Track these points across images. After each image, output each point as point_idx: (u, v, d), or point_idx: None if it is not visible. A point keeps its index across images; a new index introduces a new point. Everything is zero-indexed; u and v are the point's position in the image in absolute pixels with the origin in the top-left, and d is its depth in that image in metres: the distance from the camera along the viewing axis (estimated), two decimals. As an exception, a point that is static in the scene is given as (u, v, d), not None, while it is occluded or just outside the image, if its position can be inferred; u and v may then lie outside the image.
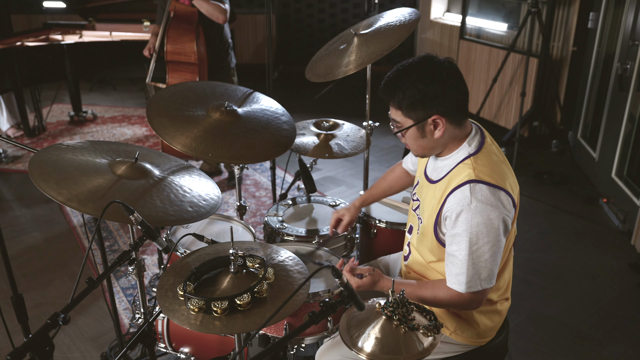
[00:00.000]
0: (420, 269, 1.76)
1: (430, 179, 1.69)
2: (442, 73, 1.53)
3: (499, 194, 1.51)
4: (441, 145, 1.62)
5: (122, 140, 5.07)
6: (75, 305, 1.32)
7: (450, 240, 1.56)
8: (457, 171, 1.57)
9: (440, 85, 1.52)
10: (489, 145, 1.62)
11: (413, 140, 1.62)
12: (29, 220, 3.73)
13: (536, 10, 4.33)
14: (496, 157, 1.60)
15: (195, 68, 3.55)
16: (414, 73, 1.54)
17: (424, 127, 1.57)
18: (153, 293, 2.69)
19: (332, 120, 2.65)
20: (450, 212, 1.53)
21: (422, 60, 1.56)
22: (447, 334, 1.71)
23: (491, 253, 1.51)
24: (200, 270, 1.53)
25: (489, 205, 1.49)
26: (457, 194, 1.52)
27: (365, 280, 1.67)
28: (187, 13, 3.53)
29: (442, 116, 1.54)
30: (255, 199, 4.00)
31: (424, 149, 1.64)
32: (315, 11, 7.18)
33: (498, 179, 1.53)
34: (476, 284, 1.53)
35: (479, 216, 1.49)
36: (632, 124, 3.61)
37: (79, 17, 5.32)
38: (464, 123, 1.60)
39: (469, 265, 1.52)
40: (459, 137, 1.61)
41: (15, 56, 4.45)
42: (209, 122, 2.14)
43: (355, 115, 4.89)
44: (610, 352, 2.59)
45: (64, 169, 1.69)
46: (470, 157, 1.57)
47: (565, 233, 3.59)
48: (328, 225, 2.27)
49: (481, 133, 1.64)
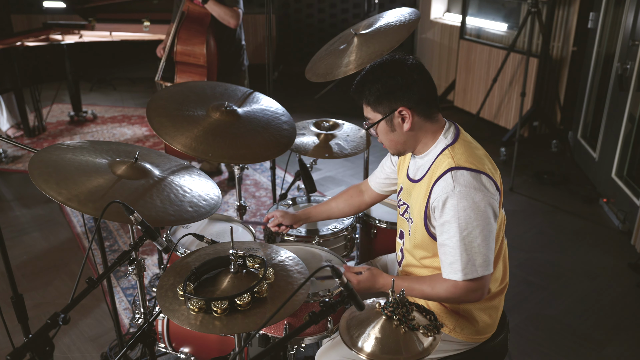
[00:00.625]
0: (414, 269, 1.76)
1: (414, 179, 1.71)
2: (404, 67, 1.59)
3: (481, 177, 1.54)
4: (412, 138, 1.65)
5: (122, 140, 5.08)
6: (75, 305, 1.32)
7: (440, 230, 1.57)
8: (438, 163, 1.61)
9: (403, 78, 1.58)
10: (464, 135, 1.67)
11: (385, 135, 1.67)
12: (29, 220, 3.73)
13: (536, 10, 4.33)
14: (473, 145, 1.65)
15: (204, 70, 3.54)
16: (378, 70, 1.63)
17: (392, 120, 1.62)
18: (153, 293, 2.69)
19: (332, 120, 2.65)
20: (437, 202, 1.56)
21: (387, 58, 1.65)
22: (447, 332, 1.71)
23: (483, 237, 1.52)
24: (200, 270, 1.53)
25: (473, 188, 1.52)
26: (441, 182, 1.56)
27: (365, 275, 1.68)
28: (200, 14, 3.52)
29: (408, 108, 1.59)
30: (255, 199, 4.00)
31: (396, 143, 1.67)
32: (315, 11, 7.18)
33: (477, 164, 1.57)
34: (472, 270, 1.54)
35: (464, 200, 1.51)
36: (632, 124, 3.61)
37: (79, 17, 5.32)
38: (434, 116, 1.64)
39: (462, 251, 1.53)
40: (431, 130, 1.64)
41: (15, 56, 4.44)
42: (209, 122, 2.14)
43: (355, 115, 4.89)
44: (610, 352, 2.59)
45: (64, 169, 1.69)
46: (448, 147, 1.62)
47: (565, 233, 3.59)
48: (328, 226, 2.27)
49: (455, 126, 1.68)
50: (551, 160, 4.69)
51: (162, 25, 4.98)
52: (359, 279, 1.68)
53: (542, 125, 5.01)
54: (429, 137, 1.65)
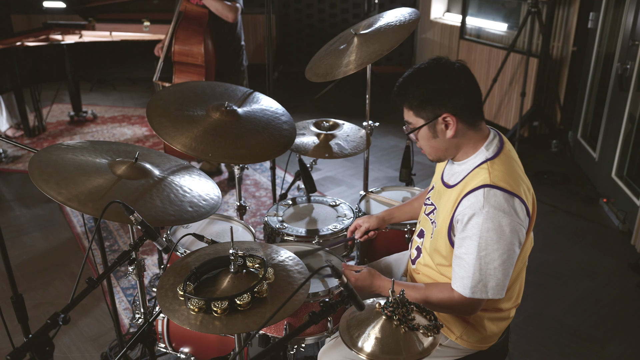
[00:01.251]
0: (429, 271, 1.73)
1: (447, 184, 1.66)
2: (451, 72, 1.53)
3: (514, 200, 1.48)
4: (454, 146, 1.59)
5: (122, 140, 5.08)
6: (75, 305, 1.32)
7: (459, 243, 1.54)
8: (474, 175, 1.55)
9: (448, 83, 1.52)
10: (508, 150, 1.60)
11: (426, 141, 1.61)
12: (29, 220, 3.73)
13: (536, 10, 4.33)
14: (514, 162, 1.58)
15: (202, 70, 3.53)
16: (423, 73, 1.56)
17: (435, 126, 1.56)
18: (153, 293, 2.69)
19: (332, 120, 2.65)
20: (462, 216, 1.51)
21: (432, 61, 1.57)
22: (453, 339, 1.70)
23: (501, 261, 1.48)
24: (200, 270, 1.53)
25: (502, 211, 1.46)
26: (471, 197, 1.50)
27: (363, 274, 1.68)
28: (197, 14, 3.51)
29: (453, 115, 1.53)
30: (255, 199, 4.00)
31: (437, 150, 1.62)
32: (315, 11, 7.18)
33: (514, 185, 1.50)
34: (482, 291, 1.51)
35: (490, 222, 1.46)
36: (632, 124, 3.61)
37: (79, 17, 5.32)
38: (478, 125, 1.58)
39: (475, 269, 1.49)
40: (474, 139, 1.58)
41: (15, 56, 4.45)
42: (209, 122, 2.14)
43: (355, 115, 4.89)
44: (611, 352, 2.59)
45: (64, 169, 1.69)
46: (487, 161, 1.55)
47: (565, 233, 3.59)
48: (328, 225, 2.27)
49: (500, 138, 1.61)
50: (551, 160, 4.69)
51: (162, 25, 4.97)
52: (357, 277, 1.68)
53: (542, 125, 5.01)
54: (471, 145, 1.59)
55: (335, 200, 2.49)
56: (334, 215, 2.38)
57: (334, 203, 2.47)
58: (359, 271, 1.70)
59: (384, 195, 2.56)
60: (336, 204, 2.46)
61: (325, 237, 2.20)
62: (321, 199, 2.53)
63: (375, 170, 4.49)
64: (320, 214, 2.40)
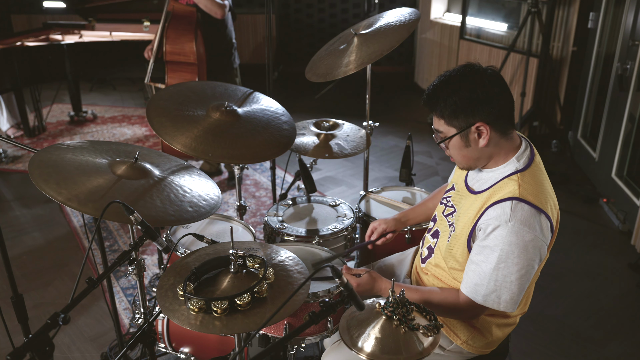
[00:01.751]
0: (440, 273, 1.71)
1: (472, 189, 1.63)
2: (484, 80, 1.49)
3: (540, 217, 1.46)
4: (486, 155, 1.56)
5: (122, 140, 5.08)
6: (75, 305, 1.32)
7: (478, 250, 1.51)
8: (502, 185, 1.52)
9: (482, 91, 1.48)
10: (538, 163, 1.57)
11: (457, 150, 1.57)
12: (29, 220, 3.73)
13: (536, 10, 4.33)
14: (544, 177, 1.56)
15: (195, 68, 3.55)
16: (455, 81, 1.51)
17: (468, 135, 1.52)
18: (153, 293, 2.69)
19: (332, 120, 2.65)
20: (486, 225, 1.48)
21: (464, 68, 1.53)
22: (459, 344, 1.69)
23: (518, 276, 1.46)
24: (200, 270, 1.53)
25: (527, 227, 1.44)
26: (497, 208, 1.47)
27: (364, 278, 1.68)
28: (185, 13, 3.52)
29: (487, 123, 1.49)
30: (255, 199, 4.00)
31: (469, 159, 1.58)
32: (315, 11, 7.18)
33: (542, 201, 1.47)
34: (494, 301, 1.49)
35: (514, 236, 1.44)
36: (632, 124, 3.61)
37: (79, 17, 5.32)
38: (510, 133, 1.54)
39: (490, 279, 1.48)
40: (505, 148, 1.55)
41: (15, 56, 4.45)
42: (209, 122, 2.14)
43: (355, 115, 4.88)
44: (611, 352, 2.59)
45: (64, 169, 1.69)
46: (518, 173, 1.52)
47: (565, 233, 3.59)
48: (328, 226, 2.27)
49: (531, 149, 1.59)
50: (551, 160, 4.69)
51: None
52: (358, 282, 1.67)
53: (542, 125, 5.01)
54: (502, 155, 1.55)
55: (335, 200, 2.49)
56: (334, 215, 2.38)
57: (334, 203, 2.47)
58: (360, 275, 1.69)
59: (384, 195, 2.56)
60: (336, 204, 2.46)
61: (325, 237, 2.20)
62: (321, 199, 2.53)
63: (375, 170, 4.49)
64: (320, 214, 2.40)
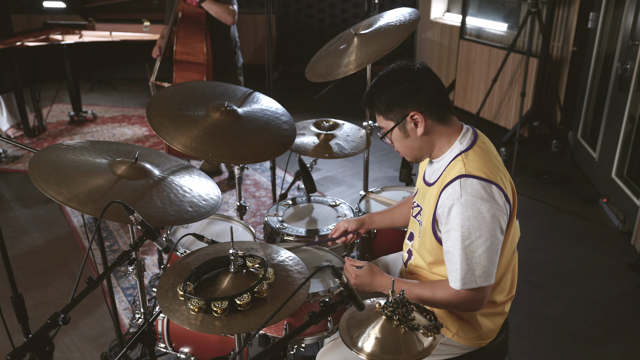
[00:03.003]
0: (422, 271, 1.75)
1: (428, 182, 1.70)
2: (411, 72, 1.58)
3: (491, 187, 1.51)
4: (427, 143, 1.63)
5: (122, 140, 5.08)
6: (75, 305, 1.32)
7: (445, 237, 1.57)
8: (449, 168, 1.60)
9: (410, 82, 1.57)
10: (482, 142, 1.64)
11: (399, 142, 1.66)
12: (29, 220, 3.73)
13: (536, 10, 4.33)
14: (489, 152, 1.62)
15: (203, 68, 3.56)
16: (385, 78, 1.62)
17: (405, 126, 1.61)
18: (153, 293, 2.69)
19: (332, 120, 2.65)
20: (443, 208, 1.55)
21: (393, 66, 1.64)
22: (449, 336, 1.70)
23: (485, 248, 1.51)
24: (200, 270, 1.53)
25: (479, 198, 1.49)
26: (449, 189, 1.54)
27: (364, 270, 1.68)
28: (194, 14, 3.55)
29: (420, 112, 1.57)
30: (255, 199, 4.00)
31: (412, 149, 1.66)
32: (315, 11, 7.18)
33: (489, 174, 1.53)
34: (471, 280, 1.53)
35: (469, 209, 1.49)
36: (632, 124, 3.61)
37: (79, 17, 5.32)
38: (448, 119, 1.62)
39: (462, 260, 1.52)
40: (446, 134, 1.62)
41: (15, 56, 4.45)
42: (209, 122, 2.14)
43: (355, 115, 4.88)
44: (610, 352, 2.59)
45: (64, 169, 1.69)
46: (462, 153, 1.59)
47: (565, 233, 3.59)
48: (328, 225, 2.27)
49: (473, 131, 1.66)
50: (551, 160, 4.69)
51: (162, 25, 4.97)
52: (357, 273, 1.69)
53: (542, 125, 5.01)
54: (444, 140, 1.63)
55: (335, 200, 2.49)
56: (334, 215, 2.38)
57: (334, 203, 2.47)
58: (361, 267, 1.70)
59: (383, 195, 2.56)
60: (336, 204, 2.46)
61: (325, 237, 2.20)
62: (321, 199, 2.53)
63: (375, 170, 4.49)
64: (320, 214, 2.40)
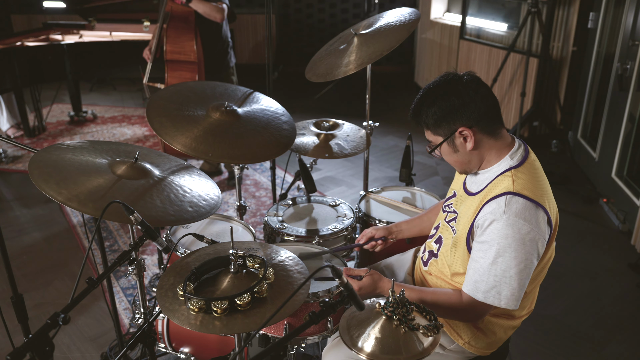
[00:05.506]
0: (441, 276, 1.72)
1: (470, 191, 1.66)
2: (459, 86, 1.54)
3: (536, 209, 1.47)
4: (477, 156, 1.60)
5: (122, 140, 5.08)
6: (75, 305, 1.32)
7: (477, 247, 1.53)
8: (497, 182, 1.55)
9: (458, 97, 1.52)
10: (533, 160, 1.59)
11: (449, 156, 1.63)
12: (29, 220, 3.73)
13: (536, 10, 4.33)
14: (540, 174, 1.58)
15: (195, 67, 3.58)
16: (433, 92, 1.57)
17: (454, 141, 1.57)
18: (153, 293, 2.69)
19: (332, 120, 2.65)
20: (483, 221, 1.51)
21: (440, 78, 1.59)
22: (460, 344, 1.69)
23: (517, 270, 1.46)
24: (200, 270, 1.53)
25: (523, 219, 1.45)
26: (493, 204, 1.50)
27: (365, 280, 1.67)
28: (183, 13, 3.57)
29: (468, 127, 1.53)
30: (255, 199, 4.00)
31: (461, 163, 1.63)
32: (315, 11, 7.18)
33: (538, 195, 1.49)
34: (496, 298, 1.49)
35: (510, 229, 1.45)
36: (632, 124, 3.60)
37: (79, 17, 5.32)
38: (498, 132, 1.57)
39: (489, 275, 1.48)
40: (496, 148, 1.58)
41: (15, 56, 4.45)
42: (209, 122, 2.14)
43: (355, 115, 4.89)
44: (611, 352, 2.59)
45: (64, 169, 1.69)
46: (512, 169, 1.54)
47: (565, 233, 3.59)
48: (328, 226, 2.27)
49: (525, 147, 1.61)
50: (551, 160, 4.69)
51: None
52: (360, 285, 1.67)
53: (542, 125, 5.01)
54: (494, 154, 1.58)
55: (335, 200, 2.49)
56: (334, 215, 2.38)
57: (334, 203, 2.47)
58: (361, 277, 1.69)
59: (384, 195, 2.56)
60: (336, 204, 2.46)
61: (325, 237, 2.20)
62: (321, 199, 2.53)
63: (375, 170, 4.49)
64: (320, 214, 2.40)
